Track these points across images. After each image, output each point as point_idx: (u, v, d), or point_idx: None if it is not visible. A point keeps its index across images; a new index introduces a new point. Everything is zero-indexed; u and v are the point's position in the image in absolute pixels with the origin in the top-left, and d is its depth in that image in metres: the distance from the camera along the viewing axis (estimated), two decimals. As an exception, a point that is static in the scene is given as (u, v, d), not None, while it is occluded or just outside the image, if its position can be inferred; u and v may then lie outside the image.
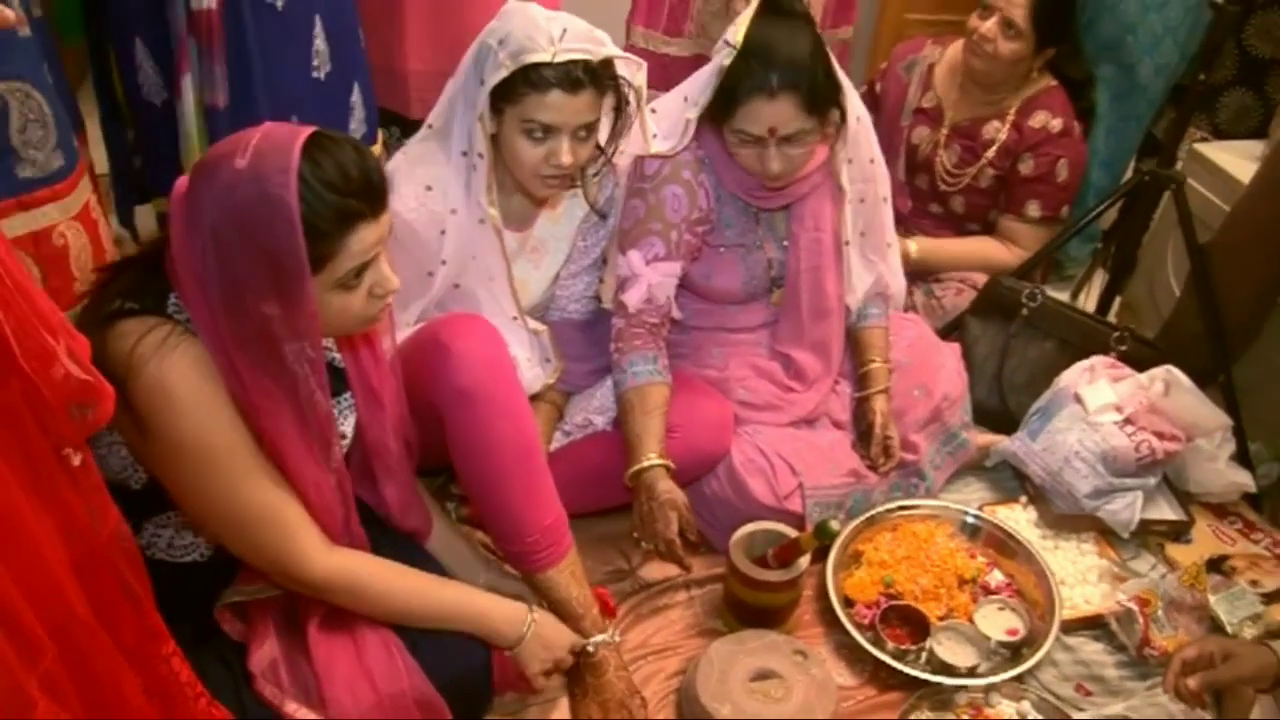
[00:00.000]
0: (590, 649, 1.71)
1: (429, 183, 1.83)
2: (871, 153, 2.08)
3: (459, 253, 1.87)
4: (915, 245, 2.56)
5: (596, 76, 1.75)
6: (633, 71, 1.83)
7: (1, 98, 1.41)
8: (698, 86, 1.90)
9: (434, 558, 1.71)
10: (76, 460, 0.93)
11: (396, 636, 1.50)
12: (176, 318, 1.29)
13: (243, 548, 1.39)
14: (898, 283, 2.24)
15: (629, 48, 2.77)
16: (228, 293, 1.25)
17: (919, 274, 2.61)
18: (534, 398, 2.02)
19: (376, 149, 2.17)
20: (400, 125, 2.42)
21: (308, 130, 1.26)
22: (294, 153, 1.22)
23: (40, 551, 0.90)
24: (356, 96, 2.04)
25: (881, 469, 2.06)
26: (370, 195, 1.29)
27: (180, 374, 1.26)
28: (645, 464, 1.82)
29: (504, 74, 1.70)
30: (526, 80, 1.70)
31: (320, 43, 1.89)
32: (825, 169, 2.01)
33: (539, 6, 1.76)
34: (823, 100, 1.82)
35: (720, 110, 1.85)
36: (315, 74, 1.91)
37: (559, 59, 1.69)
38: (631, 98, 1.86)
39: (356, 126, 2.06)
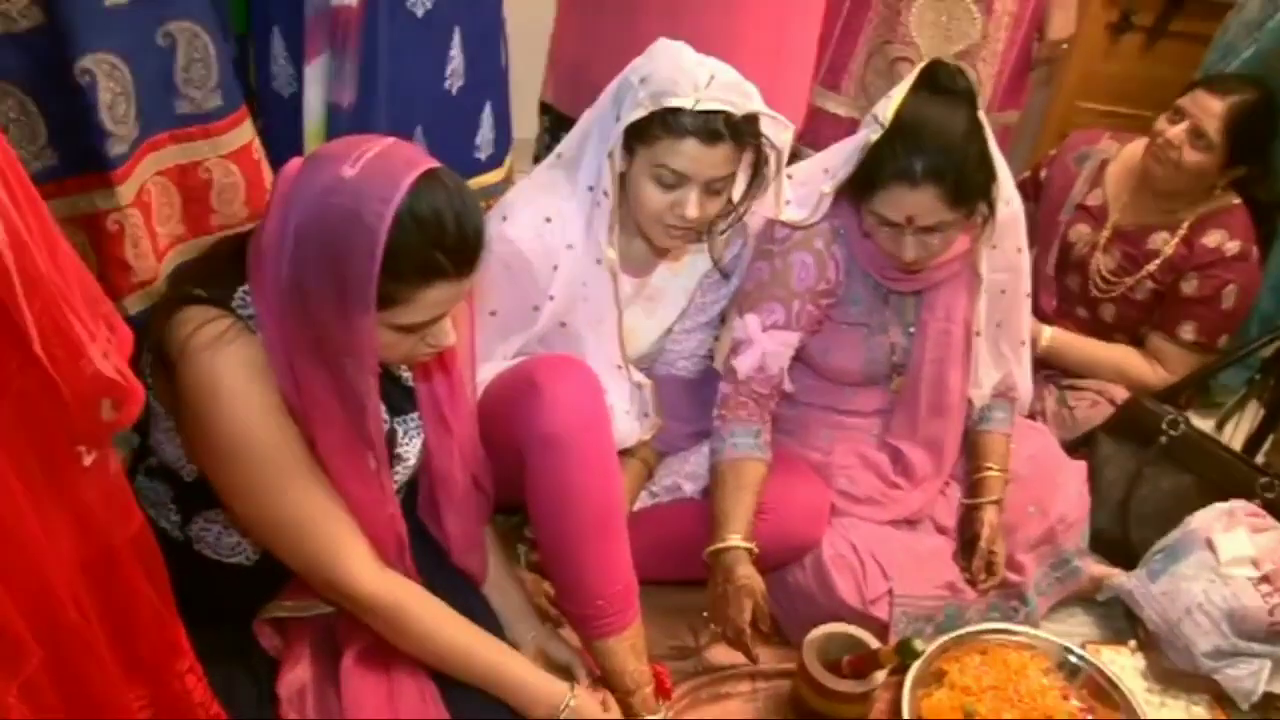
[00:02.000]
0: None
1: (549, 214, 1.75)
2: (1019, 242, 1.95)
3: (569, 290, 1.79)
4: (1049, 333, 2.39)
5: (738, 131, 1.65)
6: (778, 132, 1.73)
7: (171, 36, 1.46)
8: (839, 159, 1.80)
9: (488, 604, 1.63)
10: (88, 460, 0.88)
11: (434, 686, 1.42)
12: (240, 312, 1.25)
13: (288, 554, 1.33)
14: (1025, 385, 2.09)
15: None
16: (294, 291, 1.20)
17: (1051, 376, 2.44)
18: (626, 452, 1.92)
19: (502, 172, 2.10)
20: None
21: (425, 165, 1.20)
22: (402, 186, 1.16)
23: (38, 552, 0.85)
24: (487, 115, 2.00)
25: (981, 585, 1.91)
26: (461, 256, 1.23)
27: (231, 369, 1.21)
28: (727, 544, 1.72)
29: (641, 113, 1.62)
30: (663, 123, 1.62)
31: (457, 55, 1.85)
32: (966, 258, 1.88)
33: (690, 48, 1.68)
34: (970, 192, 1.70)
35: (859, 189, 1.75)
36: (447, 86, 1.87)
37: (700, 107, 1.59)
38: (772, 159, 1.76)
39: (483, 146, 2.01)
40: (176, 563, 1.12)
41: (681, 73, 1.61)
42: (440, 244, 1.20)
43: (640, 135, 1.65)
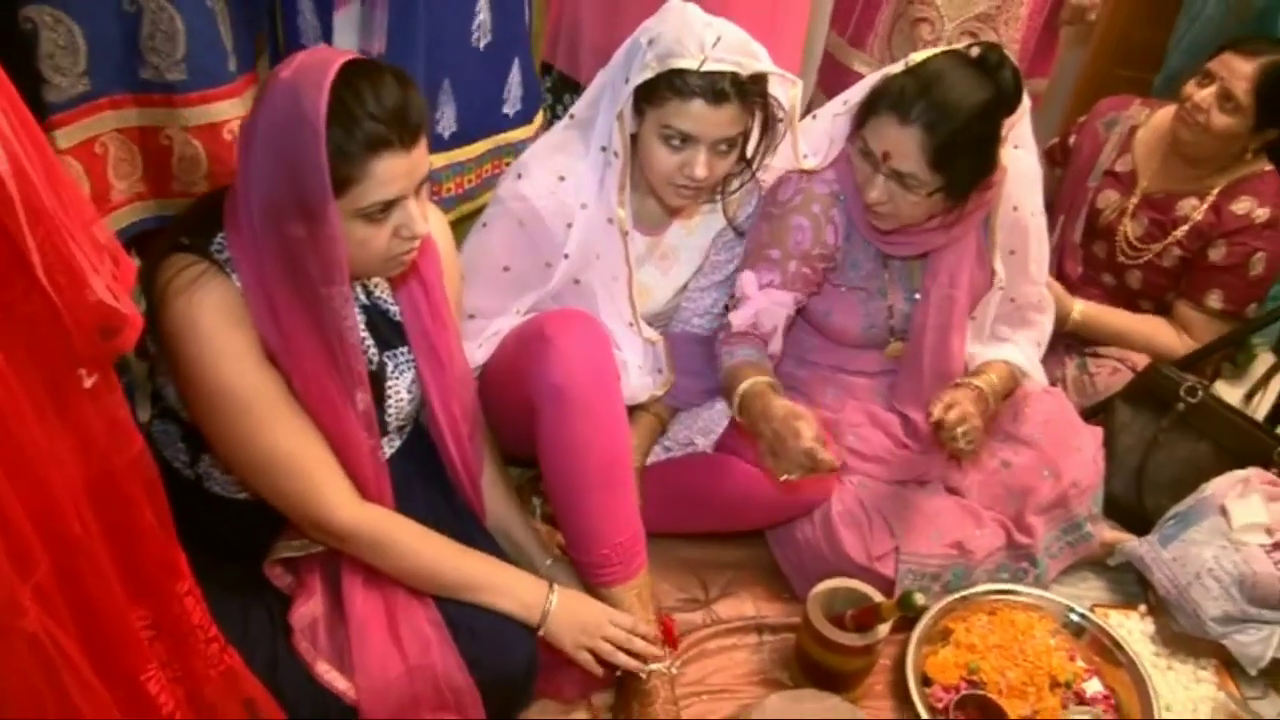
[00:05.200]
0: (643, 675, 1.65)
1: (563, 173, 1.80)
2: (1034, 206, 1.95)
3: (583, 248, 1.83)
4: (1080, 308, 2.38)
5: (744, 91, 1.68)
6: (786, 89, 1.76)
7: (137, 4, 1.50)
8: (858, 89, 1.82)
9: (492, 538, 1.69)
10: (88, 382, 0.93)
11: (437, 613, 1.49)
12: (216, 257, 1.31)
13: (269, 494, 1.40)
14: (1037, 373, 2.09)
15: (825, 54, 2.68)
16: (263, 213, 1.26)
17: (1072, 345, 2.44)
18: (639, 408, 1.98)
19: (531, 129, 2.15)
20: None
21: (351, 53, 1.27)
22: (330, 69, 1.23)
23: (45, 466, 0.90)
24: (515, 71, 2.03)
25: (951, 446, 1.82)
26: (402, 125, 1.27)
27: (207, 311, 1.28)
28: (748, 381, 1.73)
29: (649, 75, 1.65)
30: (670, 85, 1.65)
31: (484, 11, 1.88)
32: (970, 221, 1.88)
33: (699, 10, 1.71)
34: (952, 165, 1.68)
35: (860, 116, 1.76)
36: (474, 43, 1.90)
37: (706, 68, 1.63)
38: (784, 116, 1.79)
39: (511, 102, 2.05)
40: (190, 501, 1.19)
41: (688, 34, 1.64)
42: (380, 115, 1.25)
43: (649, 96, 1.69)
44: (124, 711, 1.05)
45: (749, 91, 1.68)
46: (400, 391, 1.52)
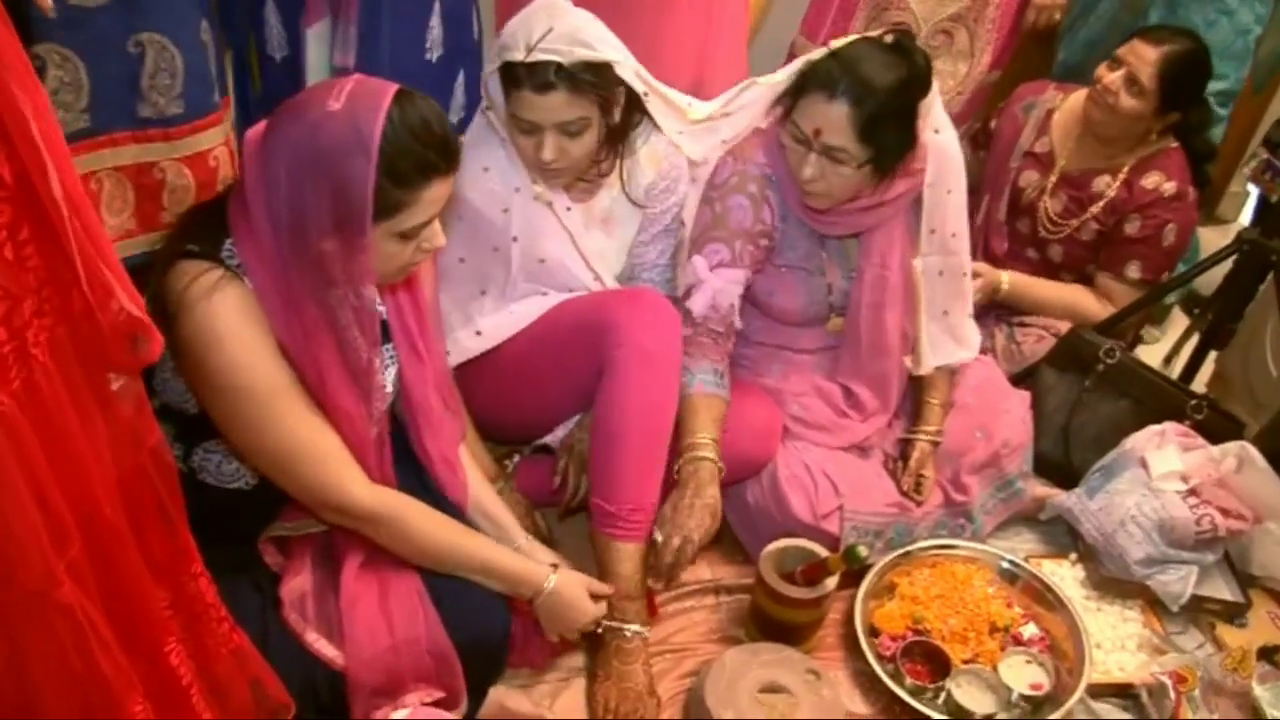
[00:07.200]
0: (627, 634, 1.79)
1: (486, 164, 1.93)
2: (956, 227, 2.10)
3: (527, 227, 1.96)
4: (1007, 278, 2.53)
5: (573, 79, 1.78)
6: (631, 73, 1.88)
7: (141, 45, 1.58)
8: (781, 75, 1.95)
9: (474, 525, 1.77)
10: (116, 385, 1.03)
11: (424, 587, 1.59)
12: (229, 262, 1.39)
13: (288, 483, 1.49)
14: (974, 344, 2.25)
15: (790, 55, 2.80)
16: (294, 228, 1.35)
17: (1001, 315, 2.60)
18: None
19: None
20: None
21: (397, 86, 1.37)
22: (386, 96, 1.33)
23: (80, 453, 1.00)
24: (460, 83, 2.14)
25: (915, 500, 2.07)
26: (449, 153, 1.40)
27: (226, 315, 1.36)
28: (698, 439, 1.84)
29: (490, 69, 1.81)
30: (507, 77, 1.80)
31: (436, 25, 1.99)
32: (899, 202, 2.01)
33: (563, 3, 1.83)
34: (879, 136, 1.81)
35: (788, 100, 1.89)
36: (428, 55, 2.02)
37: (531, 59, 1.75)
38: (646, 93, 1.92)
39: (454, 111, 2.16)
40: (183, 492, 1.23)
41: (522, 29, 1.77)
42: (431, 143, 1.37)
43: (503, 88, 1.83)
44: (146, 682, 1.15)
45: (579, 78, 1.78)
46: (386, 385, 1.62)
